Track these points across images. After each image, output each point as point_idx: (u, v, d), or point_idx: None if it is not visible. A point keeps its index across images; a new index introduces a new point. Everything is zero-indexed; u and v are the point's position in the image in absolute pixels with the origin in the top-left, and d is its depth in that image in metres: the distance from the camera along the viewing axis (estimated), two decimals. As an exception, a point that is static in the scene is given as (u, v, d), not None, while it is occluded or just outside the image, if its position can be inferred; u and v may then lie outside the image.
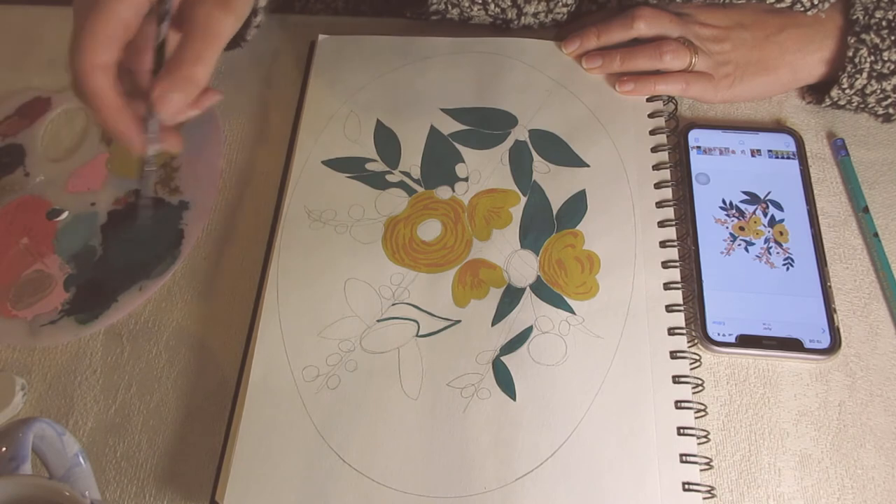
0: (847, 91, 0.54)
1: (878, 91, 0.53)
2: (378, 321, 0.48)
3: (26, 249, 0.53)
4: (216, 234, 0.54)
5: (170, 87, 0.41)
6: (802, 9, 0.55)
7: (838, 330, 0.48)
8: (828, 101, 0.55)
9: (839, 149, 0.56)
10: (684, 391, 0.45)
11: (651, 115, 0.56)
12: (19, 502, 0.33)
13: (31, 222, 0.55)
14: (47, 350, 0.49)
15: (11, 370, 0.49)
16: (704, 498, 0.43)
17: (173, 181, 0.56)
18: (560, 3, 0.59)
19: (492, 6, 0.59)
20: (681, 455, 0.43)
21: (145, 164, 0.44)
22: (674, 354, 0.46)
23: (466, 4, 0.59)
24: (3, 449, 0.35)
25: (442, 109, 0.56)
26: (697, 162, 0.54)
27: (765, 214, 0.52)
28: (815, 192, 0.53)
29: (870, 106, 0.55)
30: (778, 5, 0.55)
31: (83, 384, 0.48)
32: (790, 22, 0.56)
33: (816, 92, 0.57)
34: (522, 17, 0.60)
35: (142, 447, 0.46)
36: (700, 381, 0.46)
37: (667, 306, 0.48)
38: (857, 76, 0.53)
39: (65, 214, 0.55)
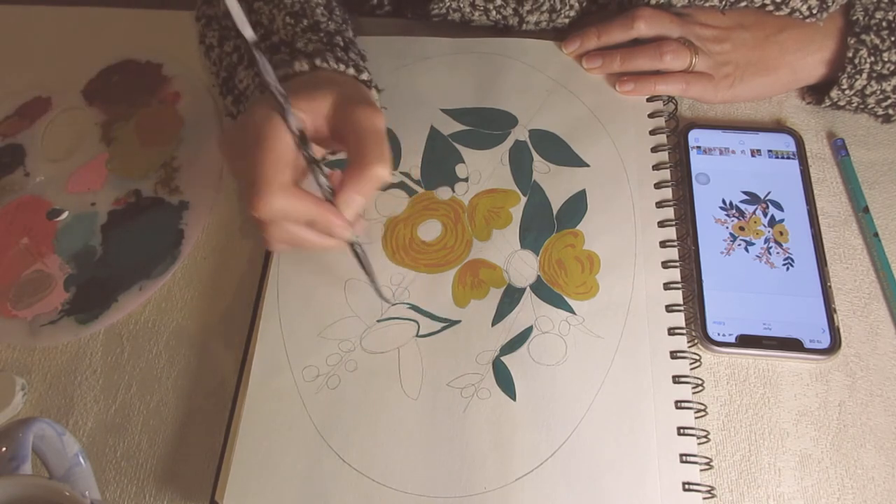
0: (847, 92, 0.54)
1: (878, 92, 0.53)
2: (378, 321, 0.48)
3: (26, 249, 0.53)
4: (216, 234, 0.54)
5: (357, 190, 0.42)
6: (801, 17, 0.55)
7: (838, 330, 0.48)
8: (827, 102, 0.55)
9: (839, 149, 0.56)
10: (684, 391, 0.45)
11: (651, 115, 0.56)
12: (20, 502, 0.33)
13: (31, 222, 0.55)
14: (47, 350, 0.49)
15: (11, 370, 0.49)
16: (704, 498, 0.43)
17: (173, 181, 0.56)
18: (562, 15, 0.59)
19: (493, 13, 0.59)
20: (681, 455, 0.43)
21: (355, 246, 0.45)
22: (674, 354, 0.46)
23: (468, 10, 0.59)
24: (4, 449, 0.35)
25: (442, 110, 0.56)
26: (697, 162, 0.54)
27: (765, 214, 0.52)
28: (815, 192, 0.53)
29: (869, 107, 0.55)
30: (776, 13, 0.55)
31: (83, 384, 0.48)
32: (790, 23, 0.56)
33: (816, 93, 0.57)
34: (524, 25, 0.60)
35: (142, 447, 0.46)
36: (700, 382, 0.46)
37: (667, 306, 0.48)
38: (857, 77, 0.53)
39: (65, 214, 0.55)
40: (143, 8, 0.65)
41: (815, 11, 0.54)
